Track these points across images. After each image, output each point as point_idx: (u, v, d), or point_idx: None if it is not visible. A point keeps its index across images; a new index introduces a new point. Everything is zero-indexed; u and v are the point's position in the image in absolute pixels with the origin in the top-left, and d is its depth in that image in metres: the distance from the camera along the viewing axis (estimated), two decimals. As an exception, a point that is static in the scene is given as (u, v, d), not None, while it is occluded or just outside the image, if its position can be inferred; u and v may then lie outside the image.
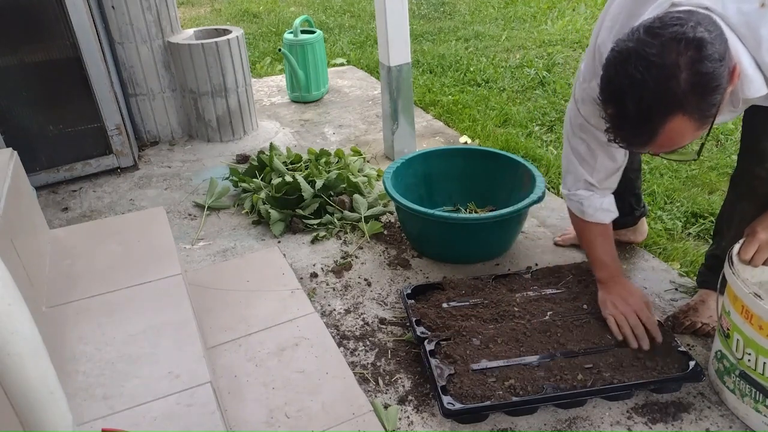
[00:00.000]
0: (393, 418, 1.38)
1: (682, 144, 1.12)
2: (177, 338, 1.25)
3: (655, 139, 1.07)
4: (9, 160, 1.48)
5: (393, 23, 2.33)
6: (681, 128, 1.06)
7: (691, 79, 1.00)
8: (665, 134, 1.06)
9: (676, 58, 1.00)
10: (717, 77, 1.02)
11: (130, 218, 1.84)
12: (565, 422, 1.37)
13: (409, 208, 1.84)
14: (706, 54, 1.00)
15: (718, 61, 1.01)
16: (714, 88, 1.02)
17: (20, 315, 0.92)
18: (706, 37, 1.00)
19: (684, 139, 1.10)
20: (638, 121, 1.06)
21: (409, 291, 1.70)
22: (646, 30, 1.03)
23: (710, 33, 1.02)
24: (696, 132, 1.08)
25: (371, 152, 2.79)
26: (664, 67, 1.00)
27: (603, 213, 1.56)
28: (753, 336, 1.25)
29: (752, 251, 1.30)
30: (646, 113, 1.05)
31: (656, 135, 1.07)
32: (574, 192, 1.57)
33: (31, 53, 2.37)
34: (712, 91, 1.02)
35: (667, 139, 1.08)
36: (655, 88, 1.02)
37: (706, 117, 1.06)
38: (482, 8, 5.53)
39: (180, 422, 1.06)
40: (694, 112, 1.04)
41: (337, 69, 4.08)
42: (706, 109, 1.04)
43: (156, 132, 2.95)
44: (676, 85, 1.01)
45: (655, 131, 1.06)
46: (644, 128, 1.07)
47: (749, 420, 1.34)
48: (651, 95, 1.02)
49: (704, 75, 1.01)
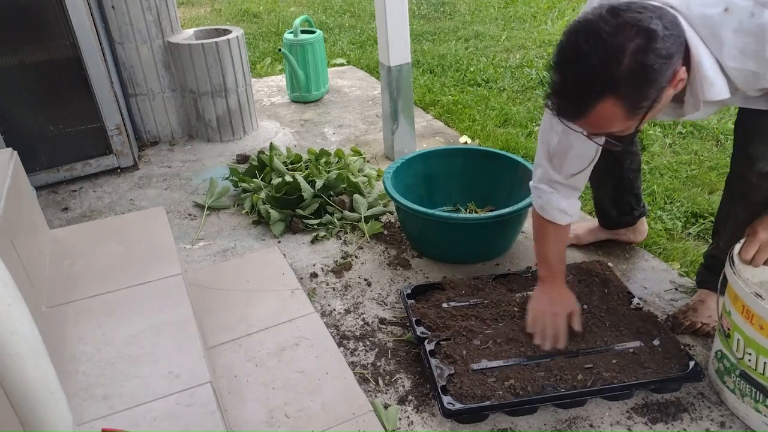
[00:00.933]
0: (393, 418, 1.38)
1: (610, 130, 1.15)
2: (177, 338, 1.25)
3: (586, 115, 1.10)
4: (9, 160, 1.48)
5: (393, 23, 2.33)
6: (611, 112, 1.08)
7: (632, 66, 1.02)
8: (595, 114, 1.09)
9: (624, 41, 1.02)
10: (656, 72, 1.04)
11: (130, 218, 1.84)
12: (565, 422, 1.37)
13: (409, 208, 1.84)
14: (653, 47, 1.02)
15: (663, 58, 1.04)
16: (650, 81, 1.05)
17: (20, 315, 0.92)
18: (659, 32, 1.03)
19: (612, 125, 1.12)
20: (574, 93, 1.09)
21: (409, 291, 1.70)
22: (610, 8, 1.06)
23: (666, 30, 1.04)
24: (625, 121, 1.11)
25: (371, 152, 2.79)
26: (611, 47, 1.03)
27: (560, 214, 1.54)
28: (754, 336, 1.25)
29: (753, 251, 1.30)
30: (583, 87, 1.08)
31: (587, 112, 1.09)
32: (538, 186, 1.57)
33: (31, 53, 2.37)
34: (648, 84, 1.05)
35: (596, 120, 1.11)
36: (596, 64, 1.04)
37: (636, 108, 1.08)
38: (482, 8, 5.53)
39: (180, 422, 1.06)
40: (626, 100, 1.06)
41: (337, 69, 4.08)
42: (639, 100, 1.07)
43: (156, 132, 2.95)
44: (616, 68, 1.03)
45: (587, 108, 1.09)
46: (578, 102, 1.10)
47: (749, 420, 1.34)
48: (591, 70, 1.05)
49: (645, 66, 1.03)
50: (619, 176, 1.80)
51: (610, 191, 1.85)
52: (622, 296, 1.64)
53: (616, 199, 1.86)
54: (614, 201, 1.87)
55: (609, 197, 1.87)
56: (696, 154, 2.63)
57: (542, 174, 1.55)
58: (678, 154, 2.65)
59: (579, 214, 1.59)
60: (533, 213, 1.62)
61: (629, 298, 1.63)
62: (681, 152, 2.67)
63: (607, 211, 1.91)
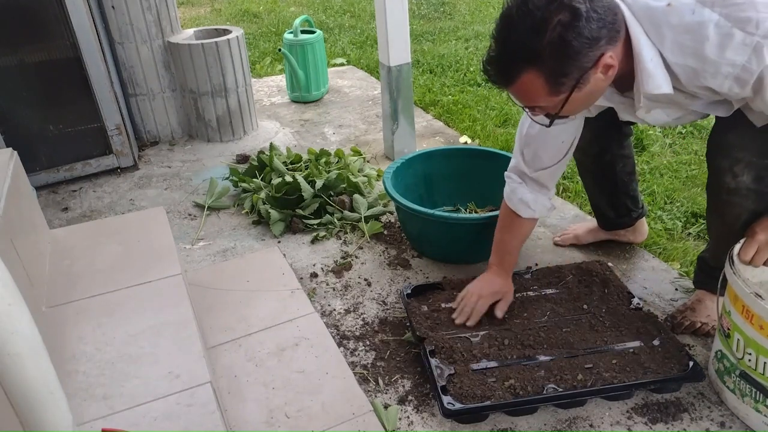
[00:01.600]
0: (393, 418, 1.38)
1: (536, 103, 1.20)
2: (177, 338, 1.25)
3: (512, 84, 1.17)
4: (9, 160, 1.48)
5: (393, 23, 2.33)
6: (533, 84, 1.14)
7: (553, 41, 1.08)
8: (520, 84, 1.16)
9: (549, 15, 1.07)
10: (576, 51, 1.09)
11: (130, 218, 1.84)
12: (565, 422, 1.37)
13: (408, 208, 1.84)
14: (576, 25, 1.07)
15: (585, 38, 1.08)
16: (570, 58, 1.10)
17: (20, 315, 0.92)
18: (583, 12, 1.07)
19: (536, 98, 1.18)
20: (501, 61, 1.16)
21: (409, 291, 1.70)
22: None
23: (594, 12, 1.08)
24: (549, 96, 1.16)
25: (371, 152, 2.79)
26: (536, 20, 1.08)
27: (523, 206, 1.58)
28: (753, 336, 1.25)
29: (752, 252, 1.30)
30: (509, 56, 1.14)
31: (513, 81, 1.16)
32: (509, 174, 1.62)
33: (31, 53, 2.37)
34: (567, 59, 1.10)
35: (521, 91, 1.18)
36: (522, 35, 1.10)
37: (558, 84, 1.13)
38: (482, 8, 5.53)
39: (180, 422, 1.06)
40: (548, 73, 1.12)
41: (337, 69, 4.08)
42: (559, 75, 1.12)
43: (156, 132, 2.95)
44: (539, 39, 1.09)
45: (512, 77, 1.15)
46: (504, 70, 1.16)
47: (749, 420, 1.34)
48: (517, 41, 1.11)
49: (565, 41, 1.08)
50: (613, 180, 1.80)
51: (606, 195, 1.85)
52: (622, 296, 1.64)
53: (612, 202, 1.86)
54: (610, 204, 1.87)
55: (605, 200, 1.87)
56: (696, 154, 2.63)
57: (514, 164, 1.60)
58: (678, 154, 2.65)
59: (545, 212, 1.62)
60: (502, 210, 1.66)
61: (629, 298, 1.63)
62: (681, 152, 2.67)
63: (604, 213, 1.91)
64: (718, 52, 1.09)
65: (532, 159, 1.55)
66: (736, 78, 1.11)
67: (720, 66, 1.11)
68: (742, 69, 1.09)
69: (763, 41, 1.05)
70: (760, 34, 1.05)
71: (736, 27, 1.07)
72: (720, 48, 1.09)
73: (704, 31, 1.09)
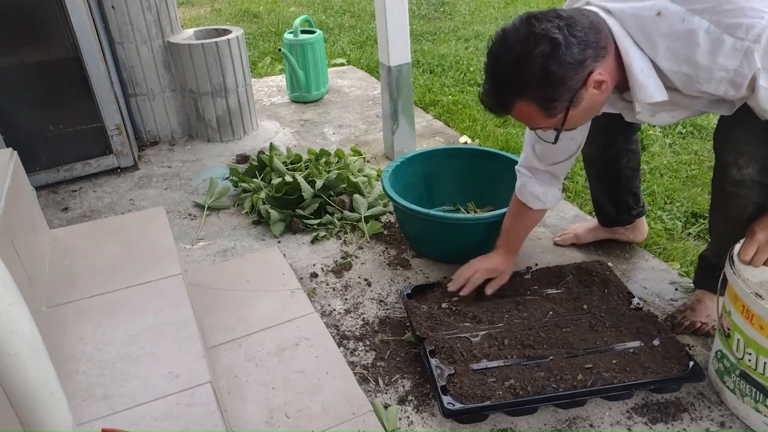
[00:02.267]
0: (393, 418, 1.38)
1: (537, 126, 1.27)
2: (177, 338, 1.25)
3: (509, 112, 1.23)
4: (9, 160, 1.48)
5: (393, 23, 2.33)
6: (527, 111, 1.20)
7: (537, 72, 1.13)
8: (516, 112, 1.22)
9: (529, 50, 1.13)
10: (562, 77, 1.14)
11: (130, 218, 1.84)
12: (565, 422, 1.37)
13: (405, 207, 1.83)
14: (556, 55, 1.11)
15: (569, 63, 1.13)
16: (556, 84, 1.14)
17: (20, 315, 0.92)
18: (561, 41, 1.11)
19: (535, 122, 1.25)
20: (494, 94, 1.22)
21: (409, 291, 1.70)
22: (526, 17, 1.15)
23: (572, 38, 1.12)
24: (546, 119, 1.22)
25: (371, 152, 2.79)
26: (518, 55, 1.14)
27: (533, 198, 1.63)
28: (754, 336, 1.25)
29: (752, 252, 1.30)
30: (499, 89, 1.21)
31: (509, 111, 1.23)
32: (520, 169, 1.67)
33: (31, 53, 2.36)
34: (554, 86, 1.15)
35: (520, 117, 1.24)
36: (507, 69, 1.17)
37: (551, 108, 1.19)
38: (482, 8, 5.53)
39: (180, 422, 1.06)
40: (538, 101, 1.18)
41: (337, 69, 4.08)
42: (550, 101, 1.17)
43: (156, 132, 2.95)
44: (523, 73, 1.14)
45: (507, 107, 1.22)
46: (499, 102, 1.23)
47: (749, 420, 1.34)
48: (503, 75, 1.18)
49: (549, 72, 1.13)
50: (616, 174, 1.80)
51: (608, 189, 1.86)
52: (622, 296, 1.64)
53: (614, 197, 1.86)
54: (612, 199, 1.87)
55: (606, 195, 1.87)
56: (696, 154, 2.63)
57: (525, 159, 1.65)
58: (678, 154, 2.65)
59: (555, 202, 1.67)
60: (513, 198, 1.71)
61: (629, 298, 1.63)
62: (681, 152, 2.67)
63: (604, 209, 1.91)
64: (710, 58, 1.12)
65: (543, 154, 1.58)
66: (731, 82, 1.13)
67: (713, 71, 1.13)
68: (735, 73, 1.11)
69: (753, 45, 1.08)
70: (750, 38, 1.07)
71: (726, 33, 1.09)
72: (711, 54, 1.11)
73: (695, 38, 1.11)
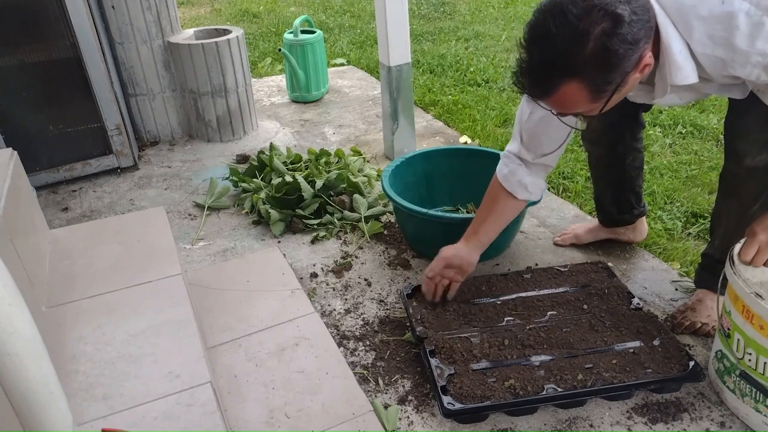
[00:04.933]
0: (393, 418, 1.38)
1: (575, 111, 1.18)
2: (177, 338, 1.25)
3: (550, 95, 1.13)
4: (9, 160, 1.48)
5: (393, 23, 2.33)
6: (574, 94, 1.10)
7: (597, 51, 1.04)
8: (559, 95, 1.11)
9: (590, 25, 1.03)
10: (620, 57, 1.06)
11: (130, 218, 1.84)
12: (565, 422, 1.37)
13: (405, 207, 1.84)
14: (619, 32, 1.04)
15: (629, 43, 1.05)
16: (614, 66, 1.07)
17: (20, 315, 0.92)
18: (626, 17, 1.03)
19: (576, 106, 1.15)
20: (539, 73, 1.11)
21: (409, 291, 1.70)
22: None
23: (634, 15, 1.05)
24: (590, 104, 1.13)
25: (371, 152, 2.79)
26: (577, 30, 1.04)
27: (520, 188, 1.57)
28: (754, 336, 1.25)
29: (752, 252, 1.30)
30: (547, 68, 1.09)
31: (551, 92, 1.12)
32: (508, 155, 1.59)
33: (31, 53, 2.37)
34: (611, 68, 1.07)
35: (560, 100, 1.14)
36: (561, 46, 1.05)
37: (600, 92, 1.10)
38: (482, 8, 5.53)
39: (180, 422, 1.05)
40: (590, 83, 1.08)
41: (337, 69, 4.08)
42: (602, 84, 1.09)
43: (156, 132, 2.95)
44: (581, 51, 1.04)
45: (551, 88, 1.11)
46: (543, 82, 1.12)
47: (749, 420, 1.34)
48: (556, 52, 1.07)
49: (609, 50, 1.04)
50: (621, 173, 1.80)
51: (611, 188, 1.86)
52: (622, 296, 1.64)
53: (617, 197, 1.86)
54: (614, 198, 1.87)
55: (609, 194, 1.87)
56: (696, 154, 2.63)
57: (514, 148, 1.58)
58: (678, 154, 2.65)
59: (540, 194, 1.62)
60: (494, 177, 1.63)
61: (629, 298, 1.63)
62: (681, 152, 2.67)
63: (606, 208, 1.91)
64: (749, 42, 1.08)
65: (533, 145, 1.53)
66: (766, 67, 1.10)
67: (750, 56, 1.10)
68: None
69: None
70: None
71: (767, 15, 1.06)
72: (751, 37, 1.08)
73: (734, 21, 1.08)
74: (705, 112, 3.03)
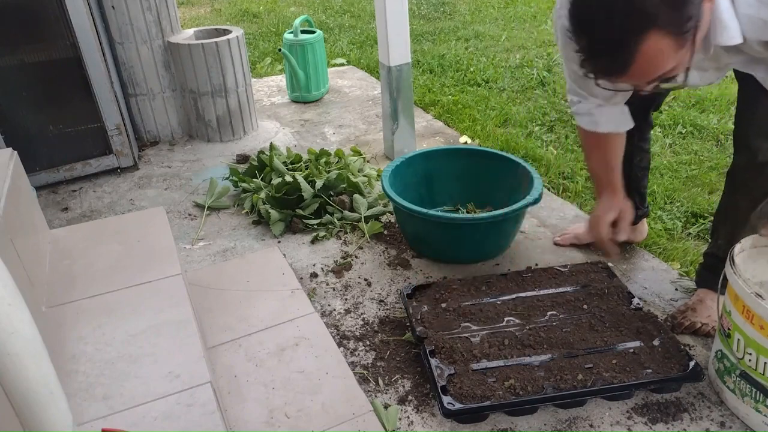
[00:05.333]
0: (393, 418, 1.38)
1: (665, 67, 1.05)
2: (177, 338, 1.25)
3: (632, 63, 1.01)
4: (9, 160, 1.48)
5: (393, 23, 2.33)
6: (659, 46, 0.99)
7: None
8: (643, 56, 1.00)
9: None
10: None
11: (130, 218, 1.84)
12: (565, 422, 1.37)
13: (405, 207, 1.83)
14: None
15: None
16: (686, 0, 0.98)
17: (20, 315, 0.92)
18: None
19: (666, 60, 1.03)
20: (612, 44, 1.00)
21: (409, 291, 1.70)
22: None
23: None
24: (677, 51, 1.01)
25: (371, 152, 2.79)
26: None
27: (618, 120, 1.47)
28: (754, 336, 1.25)
29: None
30: (619, 34, 0.99)
31: (633, 58, 1.00)
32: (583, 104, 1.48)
33: (31, 53, 2.37)
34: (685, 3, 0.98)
35: (647, 62, 1.01)
36: (624, 4, 0.97)
37: (683, 32, 0.99)
38: (482, 8, 5.53)
39: (180, 422, 1.05)
40: (670, 26, 0.98)
41: (337, 69, 4.08)
42: (683, 22, 0.99)
43: (156, 132, 2.95)
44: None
45: (631, 54, 1.00)
46: (619, 52, 1.01)
47: (749, 420, 1.34)
48: (621, 14, 0.97)
49: None
50: (627, 173, 1.79)
51: None
52: (622, 296, 1.64)
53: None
54: None
55: None
56: (696, 154, 2.63)
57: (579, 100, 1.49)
58: (678, 154, 2.65)
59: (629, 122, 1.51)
60: (584, 138, 1.55)
61: (629, 298, 1.63)
62: (681, 152, 2.67)
63: None
64: None
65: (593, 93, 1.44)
66: None
67: None
68: None
69: None
70: None
71: None
72: None
73: None
74: (705, 113, 3.03)
